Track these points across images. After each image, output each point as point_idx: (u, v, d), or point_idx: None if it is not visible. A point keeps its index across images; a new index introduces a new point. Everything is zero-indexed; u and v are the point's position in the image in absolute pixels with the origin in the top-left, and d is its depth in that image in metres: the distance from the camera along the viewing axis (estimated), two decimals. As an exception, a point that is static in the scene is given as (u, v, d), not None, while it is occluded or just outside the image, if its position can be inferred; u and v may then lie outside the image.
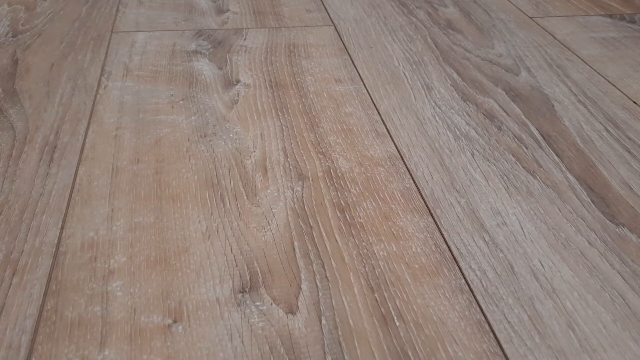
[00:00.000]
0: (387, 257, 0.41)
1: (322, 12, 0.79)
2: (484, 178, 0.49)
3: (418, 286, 0.38)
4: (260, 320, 0.36)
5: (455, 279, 0.39)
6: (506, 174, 0.49)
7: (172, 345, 0.34)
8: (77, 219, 0.43)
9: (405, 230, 0.43)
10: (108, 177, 0.48)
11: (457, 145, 0.53)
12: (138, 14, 0.76)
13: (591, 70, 0.66)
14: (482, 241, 0.42)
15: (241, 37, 0.71)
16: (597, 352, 0.34)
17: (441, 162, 0.50)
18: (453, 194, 0.47)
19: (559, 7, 0.83)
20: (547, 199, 0.47)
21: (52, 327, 0.35)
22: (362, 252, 0.41)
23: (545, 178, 0.49)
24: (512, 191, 0.47)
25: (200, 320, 0.36)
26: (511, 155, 0.51)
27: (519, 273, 0.40)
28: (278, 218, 0.44)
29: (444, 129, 0.55)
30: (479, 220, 0.44)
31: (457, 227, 0.44)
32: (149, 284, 0.38)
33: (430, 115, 0.57)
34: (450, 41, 0.72)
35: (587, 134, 0.55)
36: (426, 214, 0.45)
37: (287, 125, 0.54)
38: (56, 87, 0.59)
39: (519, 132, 0.55)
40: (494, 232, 0.43)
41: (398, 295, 0.38)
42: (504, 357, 0.34)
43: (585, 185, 0.48)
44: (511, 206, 0.46)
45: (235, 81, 0.61)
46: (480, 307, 0.37)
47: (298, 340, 0.35)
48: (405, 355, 0.34)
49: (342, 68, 0.65)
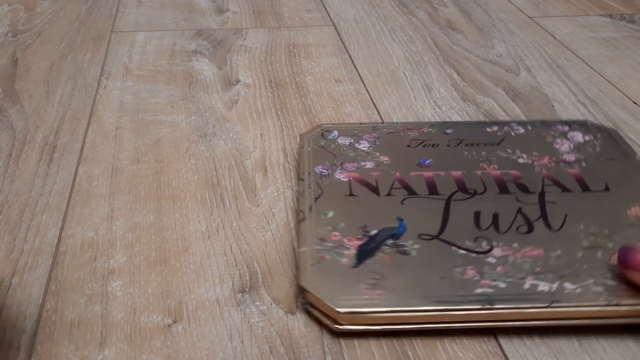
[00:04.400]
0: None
1: (322, 11, 0.79)
2: (484, 178, 0.49)
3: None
4: (260, 320, 0.36)
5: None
6: (506, 174, 0.49)
7: (172, 345, 0.34)
8: (76, 218, 0.43)
9: (405, 230, 0.43)
10: (108, 177, 0.48)
11: (457, 145, 0.52)
12: (138, 14, 0.76)
13: (591, 70, 0.66)
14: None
15: (241, 37, 0.71)
16: (597, 352, 0.34)
17: (441, 162, 0.50)
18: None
19: (558, 7, 0.83)
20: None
21: (52, 327, 0.35)
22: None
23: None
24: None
25: (200, 320, 0.36)
26: (511, 155, 0.51)
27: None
28: (278, 218, 0.44)
29: (444, 129, 0.55)
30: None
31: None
32: (149, 284, 0.38)
33: (430, 115, 0.57)
34: (450, 41, 0.72)
35: (587, 134, 0.55)
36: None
37: (287, 125, 0.54)
38: (56, 87, 0.59)
39: (518, 132, 0.55)
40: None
41: (398, 295, 0.38)
42: (504, 357, 0.34)
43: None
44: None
45: (235, 81, 0.61)
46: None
47: (298, 340, 0.35)
48: (405, 355, 0.34)
49: (342, 68, 0.65)
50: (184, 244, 0.41)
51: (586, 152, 0.47)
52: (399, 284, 0.35)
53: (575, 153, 0.47)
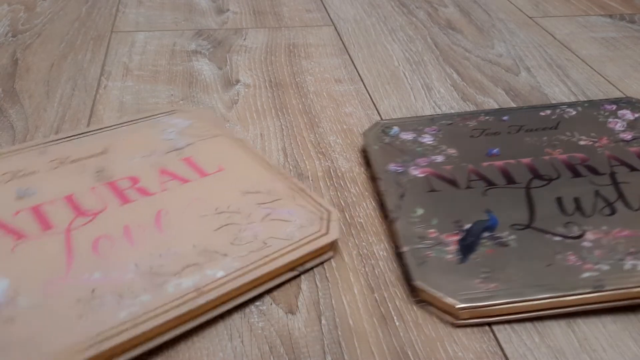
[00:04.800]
0: (387, 257, 0.41)
1: (322, 12, 0.79)
2: (484, 178, 0.49)
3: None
4: (260, 320, 0.36)
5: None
6: (506, 174, 0.49)
7: (172, 344, 0.34)
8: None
9: (405, 230, 0.43)
10: (108, 177, 0.48)
11: (457, 145, 0.52)
12: (138, 14, 0.76)
13: (591, 70, 0.66)
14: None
15: (241, 37, 0.71)
16: (597, 352, 0.34)
17: (441, 162, 0.50)
18: (453, 194, 0.47)
19: (558, 7, 0.83)
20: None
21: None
22: (362, 252, 0.41)
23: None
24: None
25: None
26: (511, 155, 0.51)
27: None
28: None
29: (444, 129, 0.55)
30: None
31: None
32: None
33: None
34: (450, 41, 0.72)
35: (587, 134, 0.55)
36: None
37: (287, 125, 0.54)
38: (56, 86, 0.59)
39: (518, 132, 0.55)
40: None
41: (398, 295, 0.38)
42: (504, 357, 0.34)
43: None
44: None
45: (235, 81, 0.61)
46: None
47: (298, 340, 0.35)
48: (405, 355, 0.34)
49: (342, 68, 0.65)
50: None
51: (639, 129, 0.49)
52: (510, 275, 0.37)
53: (630, 131, 0.49)
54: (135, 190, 0.42)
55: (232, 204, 0.41)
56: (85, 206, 0.40)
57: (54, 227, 0.38)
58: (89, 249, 0.37)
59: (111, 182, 0.42)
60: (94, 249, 0.37)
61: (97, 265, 0.36)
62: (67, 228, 0.38)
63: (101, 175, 0.43)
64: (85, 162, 0.44)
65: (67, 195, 0.41)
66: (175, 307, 0.33)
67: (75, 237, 0.38)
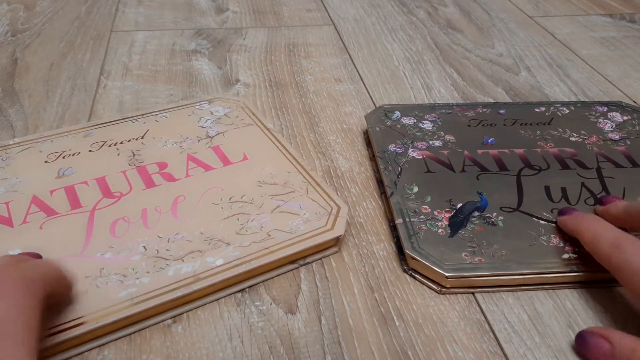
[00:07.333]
0: (387, 256, 0.41)
1: (321, 11, 0.79)
2: (484, 178, 0.49)
3: (418, 286, 0.38)
4: (260, 320, 0.36)
5: (455, 278, 0.39)
6: (506, 174, 0.49)
7: (172, 345, 0.34)
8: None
9: (405, 230, 0.43)
10: (107, 176, 0.47)
11: (457, 144, 0.52)
12: (137, 14, 0.76)
13: (591, 69, 0.66)
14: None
15: (241, 37, 0.71)
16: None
17: (441, 161, 0.50)
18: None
19: (559, 7, 0.83)
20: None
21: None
22: (362, 252, 0.41)
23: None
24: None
25: (200, 320, 0.36)
26: (511, 155, 0.51)
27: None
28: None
29: (444, 129, 0.54)
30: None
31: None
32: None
33: (430, 114, 0.56)
34: (450, 41, 0.72)
35: (587, 134, 0.55)
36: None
37: (287, 124, 0.54)
38: (55, 86, 0.59)
39: (519, 131, 0.54)
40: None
41: (398, 295, 0.38)
42: (504, 357, 0.34)
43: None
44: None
45: (234, 80, 0.61)
46: (480, 307, 0.37)
47: (298, 340, 0.34)
48: (405, 355, 0.34)
49: (341, 67, 0.65)
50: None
51: (627, 131, 0.52)
52: (495, 251, 0.39)
53: (618, 132, 0.51)
54: (161, 175, 0.43)
55: (247, 193, 0.42)
56: (113, 188, 0.42)
57: (82, 206, 0.40)
58: (107, 230, 0.39)
59: (141, 167, 0.44)
60: (111, 229, 0.38)
61: (110, 245, 0.37)
62: (93, 208, 0.40)
63: (134, 159, 0.45)
64: (124, 146, 0.46)
65: (101, 176, 0.43)
66: (171, 291, 0.34)
67: (97, 217, 0.39)
